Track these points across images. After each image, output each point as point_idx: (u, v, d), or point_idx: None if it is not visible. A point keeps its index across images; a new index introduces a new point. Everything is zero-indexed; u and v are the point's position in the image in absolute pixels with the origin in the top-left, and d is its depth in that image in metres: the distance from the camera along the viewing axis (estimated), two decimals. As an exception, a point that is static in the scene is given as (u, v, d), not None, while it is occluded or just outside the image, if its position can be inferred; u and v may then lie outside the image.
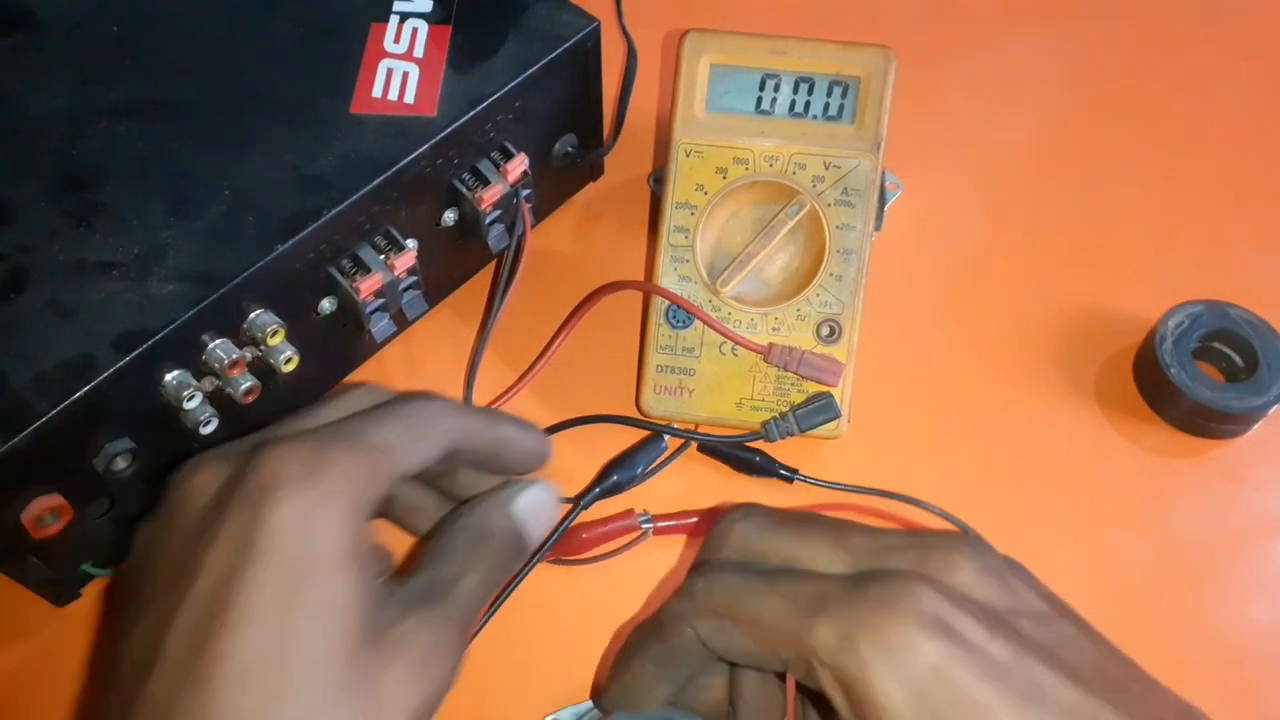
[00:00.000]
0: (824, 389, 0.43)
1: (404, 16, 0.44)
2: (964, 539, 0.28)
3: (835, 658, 0.25)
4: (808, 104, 0.44)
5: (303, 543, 0.28)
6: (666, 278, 0.44)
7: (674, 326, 0.44)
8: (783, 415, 0.43)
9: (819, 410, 0.43)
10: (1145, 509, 0.44)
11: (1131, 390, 0.47)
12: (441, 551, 0.33)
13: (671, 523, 0.43)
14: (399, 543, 0.36)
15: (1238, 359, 0.46)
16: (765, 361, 0.43)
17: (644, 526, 0.42)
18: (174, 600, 0.29)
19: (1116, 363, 0.48)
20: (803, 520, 0.30)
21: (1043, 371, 0.47)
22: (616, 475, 0.43)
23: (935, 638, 0.24)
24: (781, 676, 0.31)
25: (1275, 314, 0.46)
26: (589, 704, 0.39)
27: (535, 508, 0.35)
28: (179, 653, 0.28)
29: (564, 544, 0.42)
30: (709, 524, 0.42)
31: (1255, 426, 0.45)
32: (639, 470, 0.43)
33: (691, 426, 0.45)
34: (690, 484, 0.44)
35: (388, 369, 0.47)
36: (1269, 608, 0.42)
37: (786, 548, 0.30)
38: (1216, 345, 0.46)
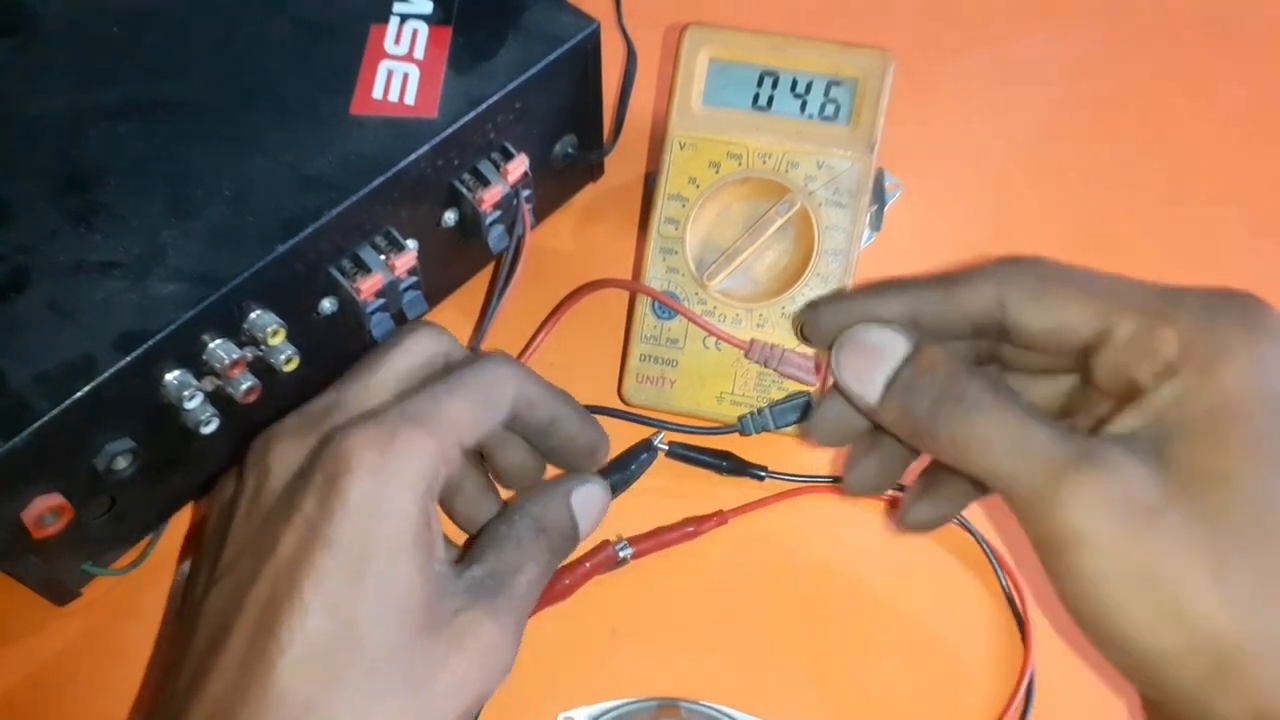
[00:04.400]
0: (803, 388, 0.43)
1: (404, 18, 0.44)
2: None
3: (1191, 326, 0.27)
4: (804, 103, 0.44)
5: (371, 529, 0.29)
6: (655, 269, 0.44)
7: (659, 317, 0.44)
8: (759, 411, 0.43)
9: (795, 408, 0.43)
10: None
11: (1131, 390, 0.47)
12: (504, 540, 0.33)
13: (649, 543, 0.42)
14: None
15: (1238, 359, 0.46)
16: (747, 357, 0.43)
17: (623, 555, 0.41)
18: (249, 575, 0.29)
19: (1116, 363, 0.48)
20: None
21: (1043, 372, 0.47)
22: (609, 479, 0.43)
23: None
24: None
25: (1275, 314, 0.46)
26: (604, 705, 0.39)
27: (592, 502, 0.36)
28: (249, 630, 0.29)
29: (548, 592, 0.40)
30: (684, 536, 0.42)
31: (1255, 427, 0.45)
32: (632, 471, 0.43)
33: (661, 416, 0.45)
34: (666, 481, 0.44)
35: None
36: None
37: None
38: (1216, 345, 0.46)
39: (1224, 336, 0.27)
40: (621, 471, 0.43)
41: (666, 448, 0.44)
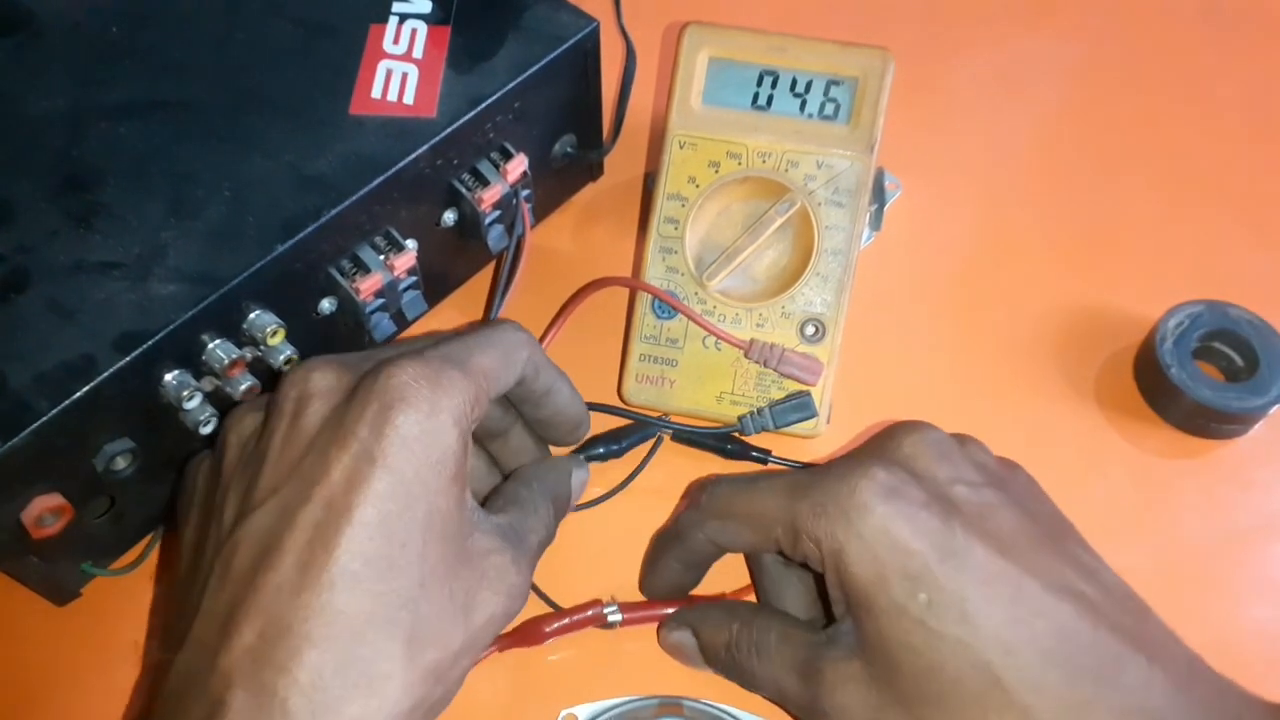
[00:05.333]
0: (804, 388, 0.43)
1: (403, 17, 0.44)
2: (914, 424, 0.35)
3: (812, 526, 0.32)
4: (804, 102, 0.44)
5: (423, 456, 0.31)
6: (654, 268, 0.44)
7: (659, 317, 0.44)
8: (759, 410, 0.43)
9: (795, 408, 0.43)
10: (1145, 509, 0.44)
11: (1132, 390, 0.47)
12: (524, 502, 0.37)
13: (639, 615, 0.40)
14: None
15: (1238, 359, 0.46)
16: (746, 357, 0.43)
17: (611, 619, 0.40)
18: (299, 496, 0.30)
19: (1116, 363, 0.48)
20: (755, 477, 0.37)
21: (1042, 371, 0.47)
22: (602, 447, 0.44)
23: (882, 504, 0.32)
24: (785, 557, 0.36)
25: (1275, 314, 0.46)
26: (607, 702, 0.39)
27: (582, 481, 0.40)
28: (300, 547, 0.30)
29: (526, 635, 0.40)
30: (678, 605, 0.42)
31: (1255, 426, 0.45)
32: (623, 444, 0.44)
33: (660, 415, 0.45)
34: (669, 476, 0.44)
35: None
36: (1270, 608, 0.42)
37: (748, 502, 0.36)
38: (1216, 345, 0.46)
39: (835, 538, 0.32)
40: (615, 444, 0.44)
41: (672, 430, 0.44)
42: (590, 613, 0.40)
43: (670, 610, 0.40)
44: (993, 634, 0.30)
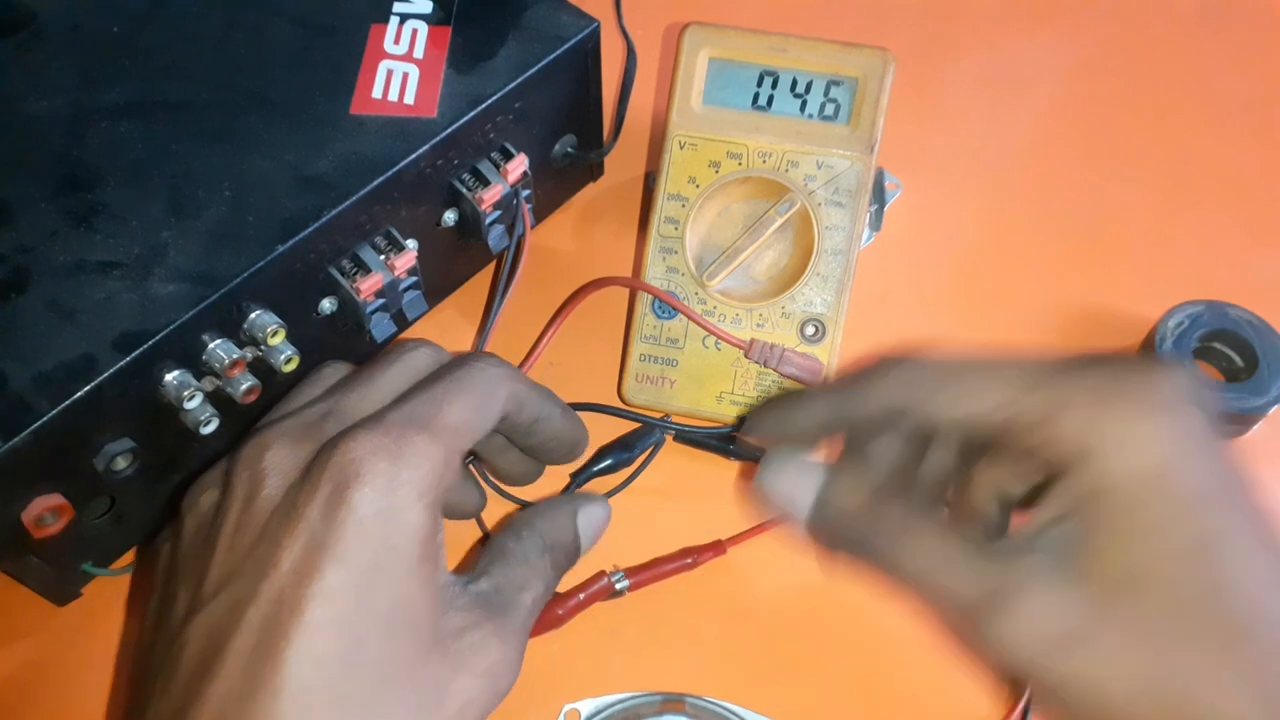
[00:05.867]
0: (803, 387, 0.43)
1: (404, 18, 0.44)
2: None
3: (1082, 414, 0.26)
4: (804, 102, 0.44)
5: (381, 542, 0.28)
6: (654, 268, 0.44)
7: (659, 317, 0.44)
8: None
9: None
10: (1145, 509, 0.44)
11: (1131, 390, 0.47)
12: (511, 556, 0.32)
13: (646, 575, 0.41)
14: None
15: (1238, 359, 0.46)
16: (746, 357, 0.43)
17: (619, 586, 0.41)
18: (248, 592, 0.28)
19: (1116, 363, 0.48)
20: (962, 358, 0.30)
21: (1043, 371, 0.47)
22: (611, 458, 0.44)
23: (1191, 411, 0.26)
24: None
25: (1275, 314, 0.46)
26: (609, 697, 0.39)
27: (595, 520, 0.36)
28: (247, 653, 0.27)
29: (540, 620, 0.40)
30: (681, 568, 0.42)
31: (1255, 427, 0.45)
32: (634, 451, 0.44)
33: (662, 415, 0.45)
34: (671, 477, 0.44)
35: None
36: (1269, 608, 0.42)
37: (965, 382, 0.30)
38: (1216, 345, 0.46)
39: (1119, 420, 0.26)
40: (625, 452, 0.43)
41: (675, 431, 0.44)
42: (600, 584, 0.41)
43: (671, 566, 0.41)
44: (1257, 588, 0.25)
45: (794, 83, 0.44)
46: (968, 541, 0.29)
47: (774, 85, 0.44)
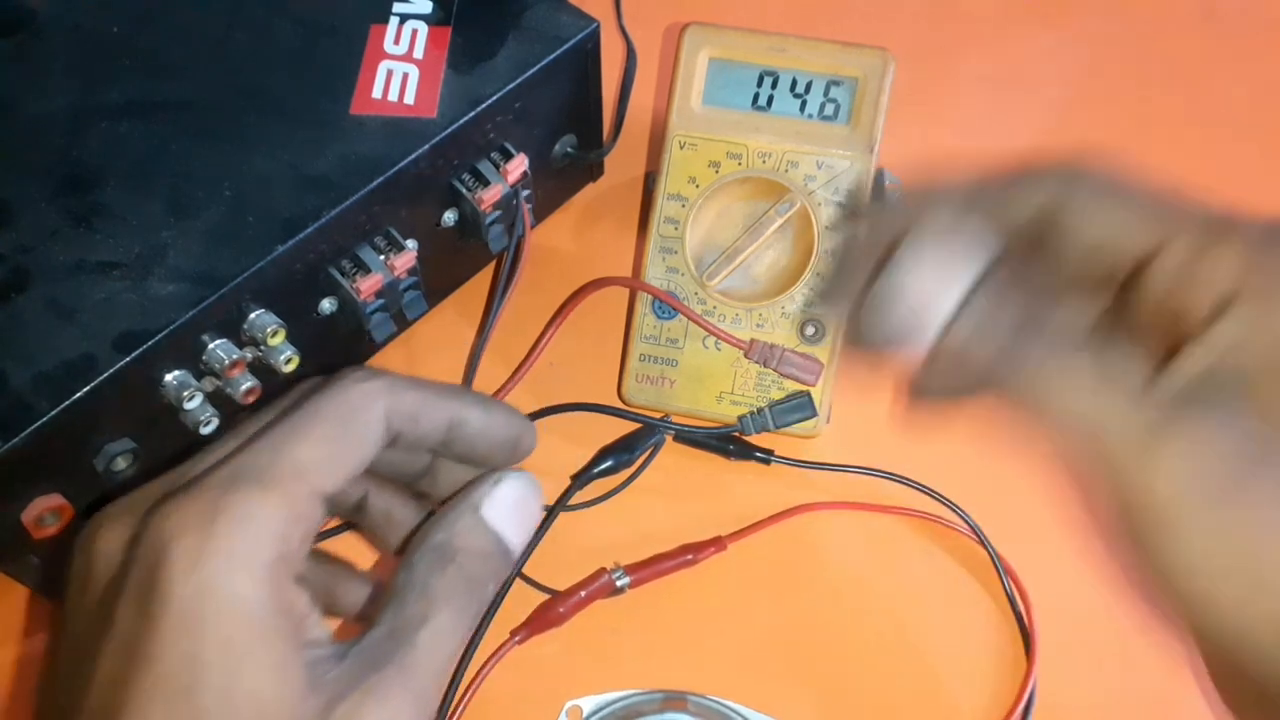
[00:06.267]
0: (803, 388, 0.43)
1: (404, 18, 0.44)
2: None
3: (1260, 262, 0.24)
4: (804, 103, 0.44)
5: (203, 634, 0.23)
6: (654, 269, 0.44)
7: (659, 317, 0.44)
8: (759, 410, 0.43)
9: (795, 408, 0.43)
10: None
11: (1131, 390, 0.47)
12: (402, 590, 0.26)
13: (647, 572, 0.42)
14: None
15: (1238, 359, 0.46)
16: (746, 357, 0.43)
17: (620, 584, 0.41)
18: (78, 692, 0.24)
19: (1116, 363, 0.48)
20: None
21: (1042, 371, 0.47)
22: (612, 459, 0.43)
23: None
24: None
25: (1275, 314, 0.46)
26: (611, 694, 0.39)
27: (512, 506, 0.28)
28: None
29: (541, 619, 0.41)
30: (682, 564, 0.42)
31: (1255, 426, 0.45)
32: (635, 453, 0.44)
33: (662, 415, 0.45)
34: (671, 477, 0.44)
35: (388, 369, 0.47)
36: (1269, 608, 0.42)
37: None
38: (1216, 345, 0.46)
39: None
40: (626, 453, 0.43)
41: (675, 431, 0.44)
42: (600, 582, 0.41)
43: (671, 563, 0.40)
44: None
45: (794, 83, 0.44)
46: (1124, 375, 0.25)
47: (774, 85, 0.44)
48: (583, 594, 0.40)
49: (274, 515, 0.24)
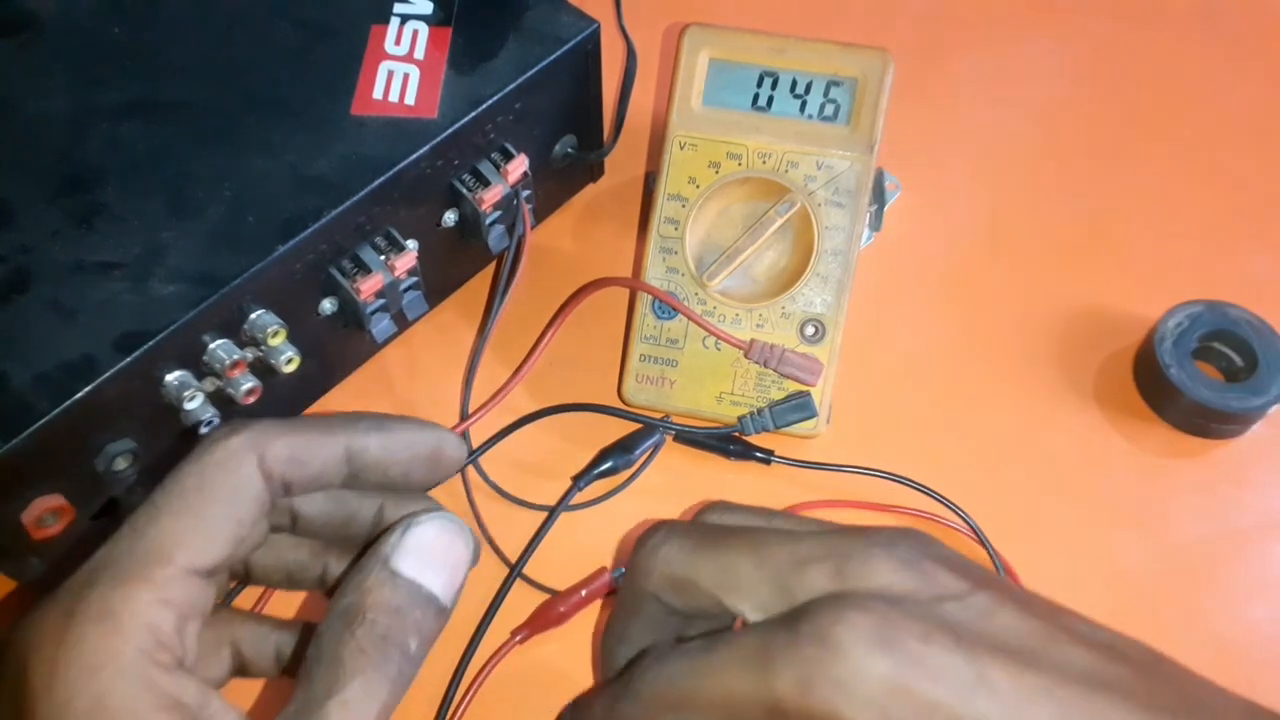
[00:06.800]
0: (803, 388, 0.43)
1: (404, 18, 0.44)
2: (871, 536, 0.27)
3: (801, 704, 0.24)
4: (804, 103, 0.44)
5: None
6: (654, 269, 0.44)
7: (659, 317, 0.44)
8: (759, 411, 0.43)
9: (796, 408, 0.43)
10: (1144, 509, 0.44)
11: (1131, 390, 0.47)
12: (311, 659, 0.24)
13: None
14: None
15: (1238, 359, 0.46)
16: (746, 357, 0.43)
17: (619, 584, 0.41)
18: None
19: (1116, 363, 0.48)
20: (719, 538, 0.28)
21: (1042, 371, 0.47)
22: (612, 460, 0.43)
23: (880, 657, 0.24)
24: None
25: (1275, 314, 0.46)
26: None
27: (428, 551, 0.26)
28: None
29: (542, 619, 0.40)
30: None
31: (1255, 426, 0.45)
32: (635, 454, 0.44)
33: (663, 415, 0.45)
34: (671, 477, 0.44)
35: (388, 370, 0.47)
36: (1269, 608, 0.42)
37: (710, 574, 0.28)
38: (1216, 345, 0.46)
39: (836, 713, 0.24)
40: (626, 454, 0.43)
41: (675, 431, 0.44)
42: (601, 581, 0.41)
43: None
44: None
45: (794, 83, 0.44)
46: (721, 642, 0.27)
47: (774, 86, 0.44)
48: (583, 594, 0.40)
49: (137, 608, 0.23)
